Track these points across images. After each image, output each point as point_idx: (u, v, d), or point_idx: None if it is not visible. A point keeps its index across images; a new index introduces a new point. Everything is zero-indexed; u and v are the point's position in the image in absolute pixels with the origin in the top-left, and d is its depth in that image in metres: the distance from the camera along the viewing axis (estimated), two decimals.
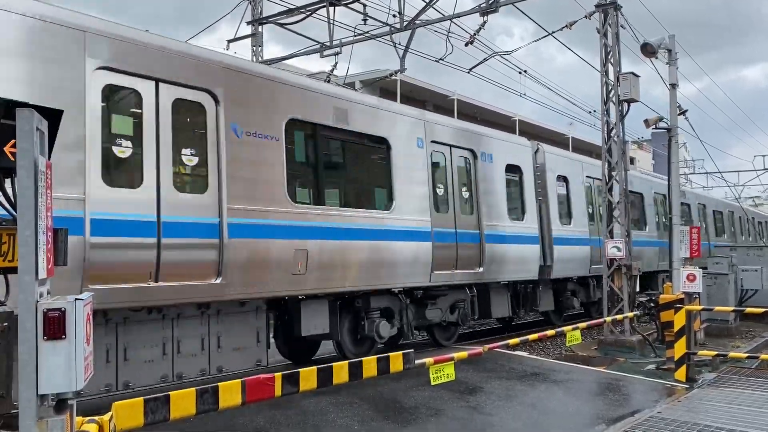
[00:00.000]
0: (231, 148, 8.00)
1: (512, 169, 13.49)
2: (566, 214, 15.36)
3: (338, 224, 9.37)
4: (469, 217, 12.03)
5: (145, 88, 7.28)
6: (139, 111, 7.28)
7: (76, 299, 2.75)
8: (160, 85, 7.41)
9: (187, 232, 7.47)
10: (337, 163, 10.34)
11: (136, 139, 7.21)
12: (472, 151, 12.31)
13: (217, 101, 7.93)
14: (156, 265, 7.13)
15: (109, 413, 3.26)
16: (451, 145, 11.89)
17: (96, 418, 3.09)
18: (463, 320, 12.17)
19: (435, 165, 11.51)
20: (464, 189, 12.15)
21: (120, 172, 7.16)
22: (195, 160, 7.79)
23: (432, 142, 11.36)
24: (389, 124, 10.54)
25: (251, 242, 8.09)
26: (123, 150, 7.13)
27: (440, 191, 11.58)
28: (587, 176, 16.55)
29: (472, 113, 29.67)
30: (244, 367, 8.46)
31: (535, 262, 13.79)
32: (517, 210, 13.56)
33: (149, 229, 7.12)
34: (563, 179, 15.46)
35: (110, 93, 7.10)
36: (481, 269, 12.02)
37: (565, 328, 7.95)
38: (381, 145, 10.47)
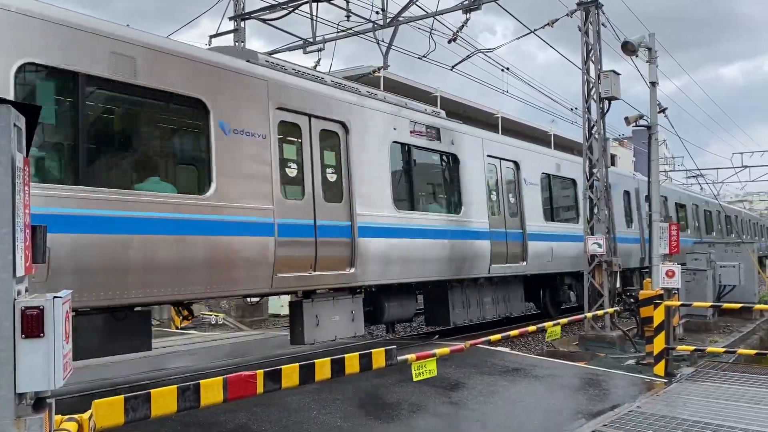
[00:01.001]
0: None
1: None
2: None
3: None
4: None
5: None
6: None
7: (55, 297, 2.73)
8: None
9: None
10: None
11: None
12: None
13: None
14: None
15: (89, 411, 3.24)
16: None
17: (75, 416, 3.07)
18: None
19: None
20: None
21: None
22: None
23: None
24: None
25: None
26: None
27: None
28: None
29: (455, 110, 29.76)
30: None
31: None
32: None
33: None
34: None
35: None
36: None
37: (545, 324, 8.02)
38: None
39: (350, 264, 9.76)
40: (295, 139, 9.32)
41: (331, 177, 9.75)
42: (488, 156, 13.55)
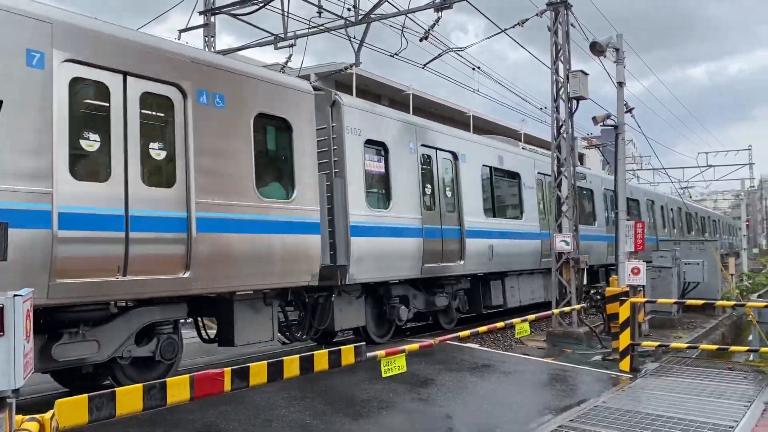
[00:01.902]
0: None
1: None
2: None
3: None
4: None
5: None
6: None
7: (15, 295, 2.69)
8: None
9: None
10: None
11: None
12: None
13: None
14: None
15: (51, 411, 3.18)
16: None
17: (37, 416, 3.02)
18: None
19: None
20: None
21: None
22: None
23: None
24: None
25: None
26: None
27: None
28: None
29: (427, 109, 29.86)
30: None
31: None
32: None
33: None
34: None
35: None
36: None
37: (514, 321, 8.11)
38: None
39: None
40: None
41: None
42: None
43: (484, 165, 14.31)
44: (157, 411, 5.58)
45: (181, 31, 16.68)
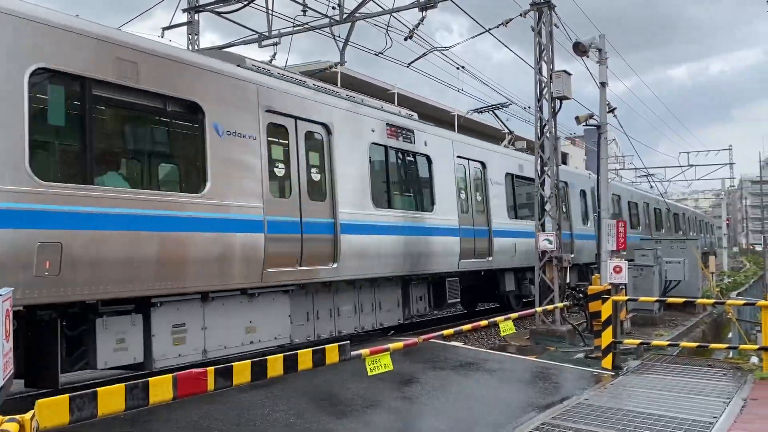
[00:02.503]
0: None
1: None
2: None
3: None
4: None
5: None
6: None
7: None
8: None
9: None
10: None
11: None
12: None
13: None
14: None
15: (31, 411, 3.16)
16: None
17: (17, 416, 2.99)
18: None
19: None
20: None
21: None
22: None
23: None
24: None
25: None
26: None
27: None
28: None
29: (412, 107, 29.89)
30: None
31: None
32: None
33: None
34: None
35: None
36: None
37: (497, 319, 8.16)
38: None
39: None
40: None
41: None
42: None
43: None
44: (140, 411, 5.55)
45: (164, 29, 16.56)
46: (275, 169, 9.51)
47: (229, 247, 8.45)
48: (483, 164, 15.03)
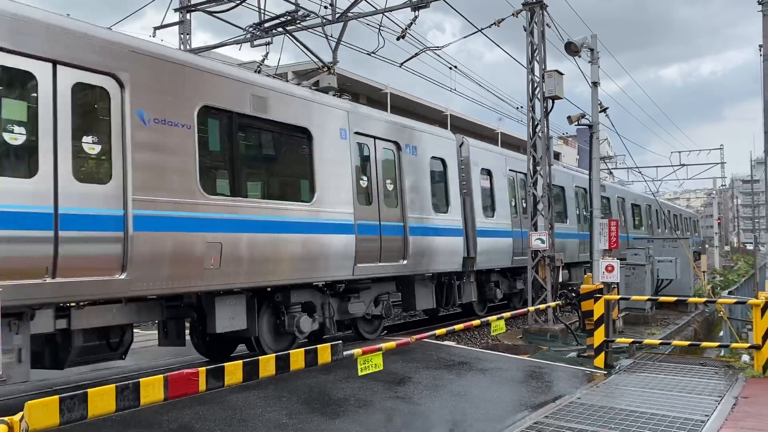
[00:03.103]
0: None
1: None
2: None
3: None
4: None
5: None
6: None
7: None
8: None
9: None
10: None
11: None
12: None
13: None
14: None
15: (20, 413, 3.13)
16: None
17: (5, 418, 2.96)
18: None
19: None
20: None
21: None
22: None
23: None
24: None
25: None
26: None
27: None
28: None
29: (405, 107, 29.91)
30: None
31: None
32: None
33: None
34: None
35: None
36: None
37: (490, 318, 8.17)
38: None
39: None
40: None
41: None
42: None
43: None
44: (131, 412, 5.53)
45: (156, 28, 16.51)
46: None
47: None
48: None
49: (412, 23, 14.83)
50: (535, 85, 13.67)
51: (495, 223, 15.33)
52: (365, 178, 11.34)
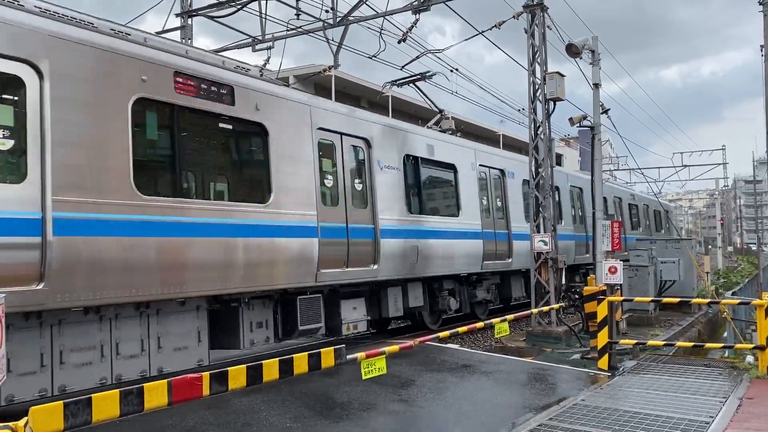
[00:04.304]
0: None
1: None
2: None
3: None
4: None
5: None
6: None
7: None
8: None
9: None
10: None
11: None
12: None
13: None
14: None
15: (24, 419, 3.14)
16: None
17: (10, 423, 2.97)
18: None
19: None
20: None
21: None
22: None
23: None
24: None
25: None
26: None
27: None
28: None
29: (406, 110, 29.93)
30: None
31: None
32: None
33: None
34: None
35: None
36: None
37: (493, 321, 8.15)
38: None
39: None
40: None
41: None
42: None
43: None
44: (135, 417, 5.53)
45: (157, 33, 16.51)
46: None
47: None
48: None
49: (413, 26, 14.87)
50: (537, 87, 13.67)
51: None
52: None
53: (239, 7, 15.41)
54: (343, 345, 5.79)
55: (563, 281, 13.43)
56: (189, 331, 8.36)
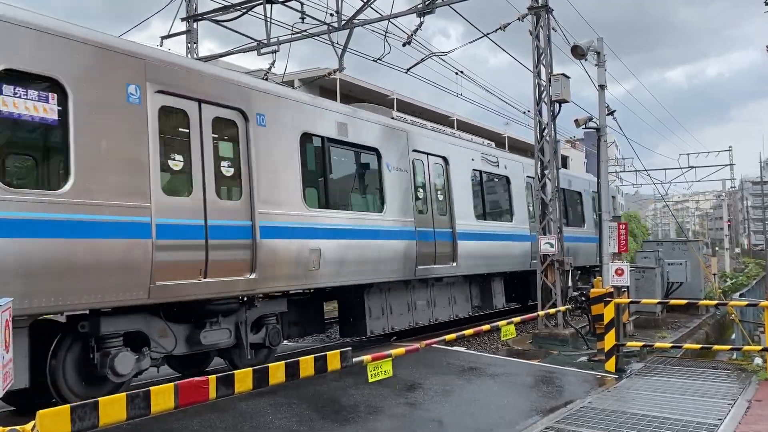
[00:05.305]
0: None
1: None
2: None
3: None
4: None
5: None
6: None
7: None
8: None
9: None
10: None
11: None
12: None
13: None
14: None
15: (32, 422, 3.14)
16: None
17: (17, 427, 2.98)
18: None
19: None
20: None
21: None
22: None
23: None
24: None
25: None
26: None
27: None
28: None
29: (411, 112, 29.97)
30: None
31: None
32: None
33: None
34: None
35: None
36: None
37: (500, 323, 8.13)
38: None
39: None
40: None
41: None
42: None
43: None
44: (141, 420, 5.53)
45: (163, 37, 16.60)
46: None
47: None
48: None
49: (417, 29, 14.88)
50: (542, 88, 13.64)
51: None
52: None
53: (244, 11, 15.46)
54: (350, 348, 5.78)
55: (569, 283, 13.37)
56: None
